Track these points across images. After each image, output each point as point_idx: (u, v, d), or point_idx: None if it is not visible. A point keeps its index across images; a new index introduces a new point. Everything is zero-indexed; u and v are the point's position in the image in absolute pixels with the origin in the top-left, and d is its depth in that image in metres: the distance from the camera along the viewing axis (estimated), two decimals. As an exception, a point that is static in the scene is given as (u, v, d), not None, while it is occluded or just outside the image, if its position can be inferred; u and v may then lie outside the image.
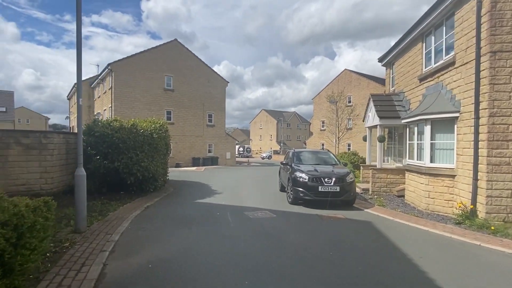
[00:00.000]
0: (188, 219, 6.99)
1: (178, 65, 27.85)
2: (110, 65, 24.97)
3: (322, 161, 10.30)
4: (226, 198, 10.15)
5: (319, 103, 42.08)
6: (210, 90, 29.67)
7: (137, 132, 9.44)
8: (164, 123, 11.32)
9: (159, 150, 10.50)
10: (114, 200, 8.89)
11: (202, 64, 29.49)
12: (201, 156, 28.63)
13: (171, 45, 27.93)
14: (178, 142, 27.66)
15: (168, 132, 11.52)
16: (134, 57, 26.01)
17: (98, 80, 30.23)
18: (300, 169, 9.19)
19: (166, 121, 11.97)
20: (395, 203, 9.71)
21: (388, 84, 13.51)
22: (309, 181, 8.65)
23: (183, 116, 28.01)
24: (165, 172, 11.85)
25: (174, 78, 27.57)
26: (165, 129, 11.11)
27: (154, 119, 10.99)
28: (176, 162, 26.77)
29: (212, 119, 29.93)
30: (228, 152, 30.95)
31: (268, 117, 75.28)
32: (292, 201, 9.09)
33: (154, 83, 26.55)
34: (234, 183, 14.76)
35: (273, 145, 70.54)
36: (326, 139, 38.43)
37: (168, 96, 27.22)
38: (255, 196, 10.94)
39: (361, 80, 36.21)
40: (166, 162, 11.83)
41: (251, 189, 12.88)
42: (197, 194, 11.06)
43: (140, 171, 9.45)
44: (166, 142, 11.38)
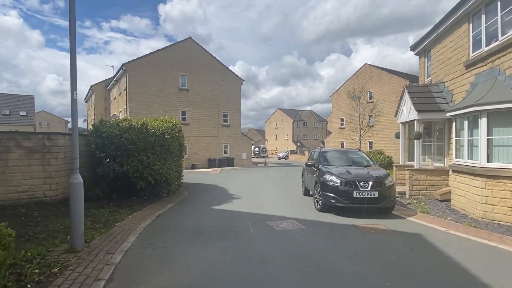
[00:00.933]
0: (204, 232, 6.02)
1: (193, 64, 27.18)
2: (125, 66, 24.59)
3: (354, 162, 9.10)
4: (245, 204, 9.15)
5: (337, 100, 40.45)
6: (225, 89, 28.85)
7: (148, 132, 8.59)
8: (178, 122, 10.46)
9: (172, 152, 9.64)
10: (123, 207, 8.08)
11: (217, 62, 28.71)
12: (217, 157, 27.85)
13: (185, 43, 27.30)
14: (193, 143, 26.99)
15: (182, 132, 10.66)
16: (148, 57, 25.53)
17: (113, 82, 30.06)
18: (329, 171, 8.05)
19: (179, 120, 11.11)
20: (440, 209, 8.39)
21: (423, 75, 12.10)
22: (341, 185, 7.50)
23: (198, 116, 27.32)
24: (179, 175, 11.00)
25: (188, 77, 26.92)
26: (179, 128, 10.25)
27: (166, 118, 10.15)
28: (191, 164, 26.12)
29: (228, 119, 29.09)
30: (244, 153, 30.03)
31: (284, 116, 73.92)
32: (321, 208, 7.97)
33: (169, 83, 26.00)
34: (252, 186, 13.76)
35: (289, 145, 69.15)
36: (346, 137, 36.86)
37: (183, 96, 26.60)
38: (276, 201, 9.89)
39: (382, 75, 34.38)
40: (180, 164, 10.98)
41: (271, 193, 11.83)
42: (213, 199, 10.13)
43: (151, 175, 8.60)
44: (180, 142, 10.52)
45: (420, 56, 12.26)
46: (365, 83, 34.15)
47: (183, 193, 11.24)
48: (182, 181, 12.07)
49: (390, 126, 33.07)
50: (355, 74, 37.72)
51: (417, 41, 11.89)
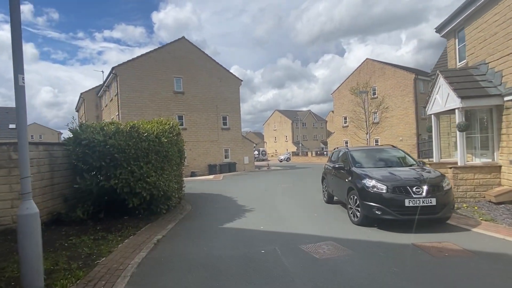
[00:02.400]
0: (220, 269, 4.39)
1: (187, 65, 25.61)
2: (115, 69, 22.95)
3: (392, 162, 7.53)
4: (262, 219, 7.54)
5: (339, 98, 39.07)
6: (222, 90, 27.28)
7: (139, 137, 6.96)
8: (176, 124, 8.87)
9: (170, 159, 8.02)
10: (113, 232, 6.45)
11: (213, 62, 27.17)
12: (218, 163, 26.19)
13: (179, 44, 25.74)
14: (192, 149, 25.31)
15: (181, 136, 9.06)
16: (140, 59, 23.92)
17: (104, 88, 28.40)
18: (369, 174, 6.47)
19: (177, 122, 9.51)
20: (505, 215, 6.84)
21: (453, 58, 10.62)
22: (387, 192, 5.93)
23: (195, 120, 25.69)
24: (180, 186, 9.38)
25: (183, 79, 25.33)
26: (177, 131, 8.66)
27: (162, 119, 8.53)
28: (191, 171, 24.44)
29: (227, 122, 27.49)
30: (246, 157, 28.41)
31: (282, 118, 72.49)
32: (361, 221, 6.39)
33: (163, 86, 24.38)
34: (262, 194, 12.14)
35: (289, 147, 67.65)
36: (351, 135, 35.39)
37: (178, 99, 24.97)
38: (298, 212, 8.28)
39: (385, 69, 33.07)
40: (180, 173, 9.36)
41: (287, 201, 10.23)
42: (222, 213, 8.50)
43: (146, 189, 6.96)
44: (180, 148, 8.92)
45: (448, 38, 10.80)
46: (368, 78, 32.78)
47: (185, 206, 9.60)
48: (184, 192, 10.43)
49: (397, 122, 31.72)
50: (357, 69, 36.40)
51: (444, 21, 10.43)
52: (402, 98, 31.19)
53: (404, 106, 31.09)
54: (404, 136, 31.09)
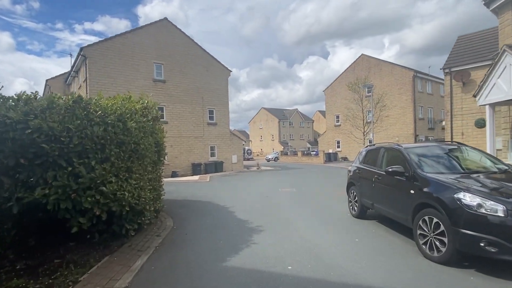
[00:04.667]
0: None
1: (170, 51, 22.60)
2: (83, 50, 19.60)
3: (472, 165, 5.23)
4: (281, 246, 5.02)
5: (331, 95, 37.19)
6: (209, 81, 24.47)
7: (90, 118, 4.21)
8: (152, 104, 6.17)
9: (143, 156, 5.31)
10: (40, 275, 3.81)
11: (199, 49, 24.28)
12: (203, 162, 23.38)
13: (160, 25, 22.66)
14: (173, 145, 22.37)
15: (159, 122, 6.37)
16: (114, 40, 20.66)
17: (72, 74, 24.77)
18: (462, 186, 4.09)
19: (155, 102, 6.77)
20: None
21: (510, 36, 8.53)
22: (509, 215, 3.57)
23: (178, 113, 22.74)
24: (158, 194, 6.67)
25: (165, 66, 22.31)
26: (155, 114, 5.96)
27: (131, 95, 5.77)
28: (172, 171, 21.51)
29: (214, 116, 24.70)
30: (234, 155, 25.75)
31: (269, 116, 70.19)
32: (448, 258, 4.03)
33: (141, 73, 21.26)
34: (264, 201, 9.61)
35: (275, 146, 65.46)
36: (345, 134, 33.52)
37: (159, 89, 21.92)
38: (326, 233, 5.82)
39: (382, 66, 31.45)
40: (158, 176, 6.65)
41: (302, 213, 7.75)
42: (219, 235, 5.89)
43: (100, 203, 4.24)
44: (158, 139, 6.22)
45: (500, 13, 8.71)
46: (366, 74, 30.98)
47: (164, 222, 6.91)
48: (161, 204, 7.70)
49: (394, 122, 30.15)
50: (351, 66, 34.62)
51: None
52: (400, 97, 29.64)
53: (402, 105, 29.55)
54: (401, 136, 29.56)
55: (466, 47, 17.11)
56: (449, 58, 17.28)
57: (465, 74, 15.92)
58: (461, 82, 16.13)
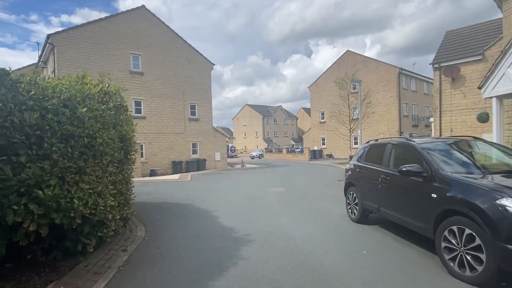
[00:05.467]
0: None
1: (148, 41, 21.12)
2: (51, 38, 17.83)
3: (496, 162, 4.50)
4: (275, 263, 4.09)
5: (317, 92, 36.68)
6: (191, 74, 23.17)
7: (19, 99, 3.07)
8: (116, 90, 5.07)
9: (101, 153, 4.19)
10: None
11: (180, 40, 22.90)
12: (184, 159, 22.12)
13: (138, 14, 21.10)
14: (152, 142, 21.00)
15: (126, 110, 5.27)
16: (86, 28, 18.97)
17: (40, 64, 22.73)
18: (503, 189, 3.30)
19: (119, 87, 5.63)
20: None
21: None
22: None
23: (157, 107, 21.33)
24: (125, 199, 5.55)
25: (143, 57, 20.82)
26: (118, 102, 4.85)
27: (88, 77, 4.60)
28: (150, 169, 20.16)
29: (196, 111, 23.44)
30: (218, 153, 24.63)
31: (253, 113, 69.18)
32: (487, 278, 3.23)
33: (116, 64, 19.68)
34: (252, 204, 8.65)
35: (259, 143, 64.62)
36: (332, 131, 33.05)
37: (136, 81, 20.43)
38: (327, 243, 4.94)
39: (367, 62, 31.17)
40: (126, 178, 5.53)
41: (295, 217, 6.85)
42: (200, 248, 4.87)
43: (34, 216, 3.13)
44: (124, 133, 5.10)
45: (504, 0, 8.14)
46: (352, 71, 30.57)
47: (134, 232, 5.81)
48: (130, 210, 6.57)
49: (379, 119, 29.96)
50: (336, 62, 34.19)
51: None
52: (385, 94, 29.48)
53: (387, 102, 29.40)
54: (386, 134, 29.41)
55: (455, 42, 16.81)
56: (438, 53, 16.94)
57: (454, 69, 15.59)
58: (450, 78, 15.80)
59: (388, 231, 5.57)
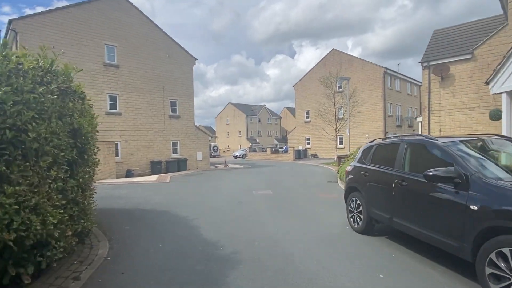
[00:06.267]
0: None
1: (125, 32, 19.59)
2: (13, 23, 16.03)
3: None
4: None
5: (301, 91, 36.13)
6: (171, 69, 21.81)
7: None
8: (67, 70, 3.96)
9: (37, 152, 3.07)
10: None
11: (160, 32, 21.49)
12: (163, 159, 20.76)
13: (113, 1, 19.47)
14: (128, 141, 19.51)
15: (82, 98, 4.16)
16: (54, 15, 17.22)
17: (2, 54, 20.59)
18: None
19: (71, 67, 4.47)
20: None
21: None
22: None
23: (134, 103, 19.84)
24: (81, 210, 4.42)
25: (119, 49, 19.27)
26: (66, 84, 3.73)
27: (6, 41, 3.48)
28: (126, 169, 18.68)
29: (176, 108, 22.10)
30: (200, 152, 23.41)
31: (236, 111, 67.97)
32: None
33: (89, 55, 18.06)
34: (237, 210, 7.67)
35: (242, 142, 63.55)
36: (313, 131, 32.59)
37: (110, 74, 18.86)
38: (333, 263, 4.05)
39: (353, 61, 30.91)
40: (82, 184, 4.39)
41: (290, 230, 5.95)
42: (175, 277, 3.84)
43: None
44: (76, 126, 3.98)
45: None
46: (338, 69, 30.18)
47: (94, 250, 4.68)
48: (89, 223, 5.42)
49: (364, 119, 29.75)
50: (322, 60, 33.77)
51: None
52: (370, 93, 29.29)
53: (372, 101, 29.23)
54: (371, 133, 29.25)
55: (443, 41, 16.55)
56: (427, 51, 16.62)
57: (444, 68, 15.28)
58: (439, 76, 15.49)
59: (398, 243, 4.77)
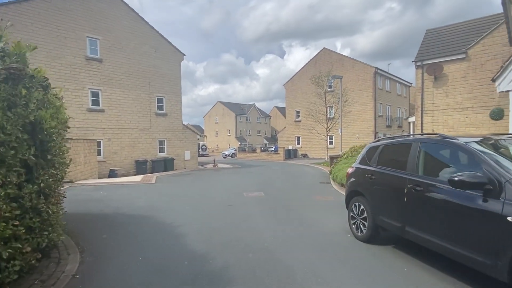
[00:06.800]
0: None
1: (108, 24, 18.60)
2: (-16, 12, 14.83)
3: None
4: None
5: (292, 90, 35.73)
6: (158, 64, 20.93)
7: None
8: (18, 47, 3.22)
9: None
10: None
11: (146, 26, 20.57)
12: (149, 158, 19.88)
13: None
14: (112, 139, 18.55)
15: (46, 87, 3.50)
16: (32, 3, 16.06)
17: (-26, 45, 19.23)
18: None
19: (25, 45, 3.75)
20: None
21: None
22: None
23: (118, 99, 18.88)
24: (44, 220, 3.72)
25: (102, 42, 18.27)
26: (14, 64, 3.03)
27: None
28: (110, 169, 17.74)
29: (163, 105, 21.24)
30: (188, 151, 22.61)
31: (225, 110, 67.07)
32: None
33: (70, 48, 17.01)
34: (227, 215, 7.06)
35: (231, 141, 62.76)
36: (303, 131, 32.25)
37: (93, 69, 17.86)
38: (338, 285, 3.52)
39: (344, 61, 30.70)
40: (45, 188, 3.69)
41: (286, 238, 5.39)
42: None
43: None
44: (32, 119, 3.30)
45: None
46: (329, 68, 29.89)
47: (62, 266, 4.00)
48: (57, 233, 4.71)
49: (354, 119, 29.59)
50: (312, 59, 33.45)
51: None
52: (361, 93, 29.15)
53: (363, 101, 29.09)
54: (361, 133, 29.14)
55: (437, 40, 16.39)
56: (420, 51, 16.43)
57: (438, 67, 15.09)
58: (433, 76, 15.30)
59: (409, 255, 4.30)
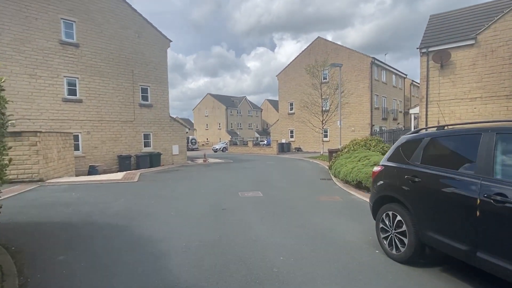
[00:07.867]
0: None
1: (86, 5, 16.80)
2: None
3: None
4: None
5: (285, 81, 34.42)
6: (142, 51, 19.26)
7: None
8: None
9: None
10: None
11: (129, 8, 18.80)
12: (133, 153, 18.36)
13: (71, -32, 16.59)
14: (91, 132, 16.94)
15: None
16: (-6, -21, 14.20)
17: None
18: None
19: None
20: None
21: None
22: None
23: (97, 89, 17.21)
24: None
25: (78, 25, 16.49)
26: None
27: None
28: (90, 165, 16.19)
29: (148, 96, 19.64)
30: (176, 145, 21.15)
31: (215, 103, 65.26)
32: None
33: (42, 31, 15.21)
34: (223, 226, 5.81)
35: (222, 135, 61.24)
36: (297, 124, 31.11)
37: (69, 54, 16.11)
38: None
39: (339, 50, 29.52)
40: None
41: (295, 255, 4.19)
42: None
43: None
44: None
45: None
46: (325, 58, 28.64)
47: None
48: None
49: (350, 111, 28.57)
50: (307, 49, 32.14)
51: None
52: (357, 84, 28.11)
53: (359, 93, 28.08)
54: (357, 126, 28.21)
55: (443, 26, 15.34)
56: (425, 37, 15.36)
57: (445, 54, 14.05)
58: (439, 64, 14.28)
59: (465, 282, 3.15)
